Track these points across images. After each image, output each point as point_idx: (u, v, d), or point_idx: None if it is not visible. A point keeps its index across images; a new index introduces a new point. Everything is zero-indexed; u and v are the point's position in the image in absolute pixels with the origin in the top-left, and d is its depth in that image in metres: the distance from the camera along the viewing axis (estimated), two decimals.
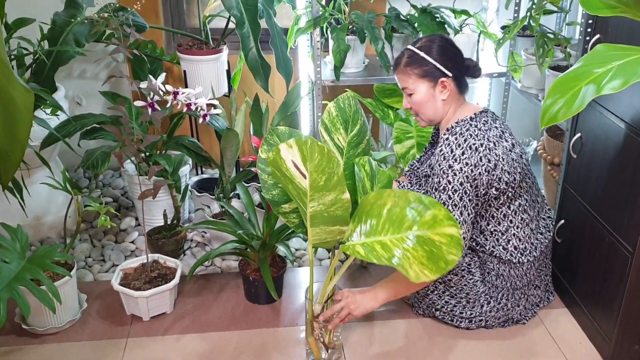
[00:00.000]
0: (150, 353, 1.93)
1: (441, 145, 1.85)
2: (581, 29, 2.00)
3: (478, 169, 1.78)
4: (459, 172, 1.78)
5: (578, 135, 2.01)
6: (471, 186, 1.79)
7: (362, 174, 1.84)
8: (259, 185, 2.56)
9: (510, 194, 1.84)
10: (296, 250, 2.48)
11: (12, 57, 2.28)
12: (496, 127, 1.86)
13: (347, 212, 1.62)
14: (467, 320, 1.98)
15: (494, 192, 1.81)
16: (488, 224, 1.89)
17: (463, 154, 1.79)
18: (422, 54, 1.84)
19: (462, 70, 1.89)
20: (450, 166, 1.79)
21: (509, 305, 1.97)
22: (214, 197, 2.50)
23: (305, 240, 2.53)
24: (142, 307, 2.04)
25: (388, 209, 1.62)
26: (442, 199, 1.80)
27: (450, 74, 1.85)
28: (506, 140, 1.85)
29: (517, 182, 1.84)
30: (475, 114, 1.87)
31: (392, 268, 1.56)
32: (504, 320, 2.02)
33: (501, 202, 1.85)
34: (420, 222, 1.58)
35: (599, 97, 1.20)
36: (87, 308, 2.10)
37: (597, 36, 1.88)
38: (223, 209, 2.37)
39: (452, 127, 1.87)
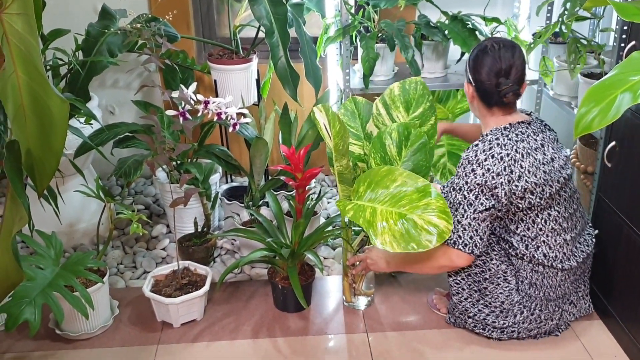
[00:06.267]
0: None
1: (468, 150, 1.86)
2: (615, 35, 1.97)
3: (500, 178, 1.77)
4: (480, 177, 1.78)
5: (613, 143, 1.97)
6: (488, 192, 1.78)
7: (387, 141, 2.01)
8: (288, 193, 2.57)
9: (537, 204, 1.81)
10: (324, 258, 2.48)
11: (48, 67, 2.33)
12: (535, 140, 1.84)
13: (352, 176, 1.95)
14: (499, 331, 1.95)
15: (519, 202, 1.80)
16: (517, 228, 1.87)
17: (486, 160, 1.79)
18: (473, 50, 1.89)
19: (487, 88, 1.84)
20: (473, 170, 1.80)
21: (542, 317, 1.94)
22: (243, 205, 2.52)
23: (334, 249, 2.53)
24: (173, 314, 2.06)
25: (396, 185, 1.82)
26: (457, 199, 1.82)
27: (472, 83, 1.87)
28: (543, 154, 1.83)
29: (546, 194, 1.81)
30: (510, 123, 1.85)
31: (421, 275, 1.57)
32: (537, 333, 1.98)
33: (528, 209, 1.83)
34: (413, 205, 1.75)
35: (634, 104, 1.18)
36: (118, 314, 2.13)
37: (633, 43, 1.85)
38: (252, 217, 2.38)
39: (484, 135, 1.87)
